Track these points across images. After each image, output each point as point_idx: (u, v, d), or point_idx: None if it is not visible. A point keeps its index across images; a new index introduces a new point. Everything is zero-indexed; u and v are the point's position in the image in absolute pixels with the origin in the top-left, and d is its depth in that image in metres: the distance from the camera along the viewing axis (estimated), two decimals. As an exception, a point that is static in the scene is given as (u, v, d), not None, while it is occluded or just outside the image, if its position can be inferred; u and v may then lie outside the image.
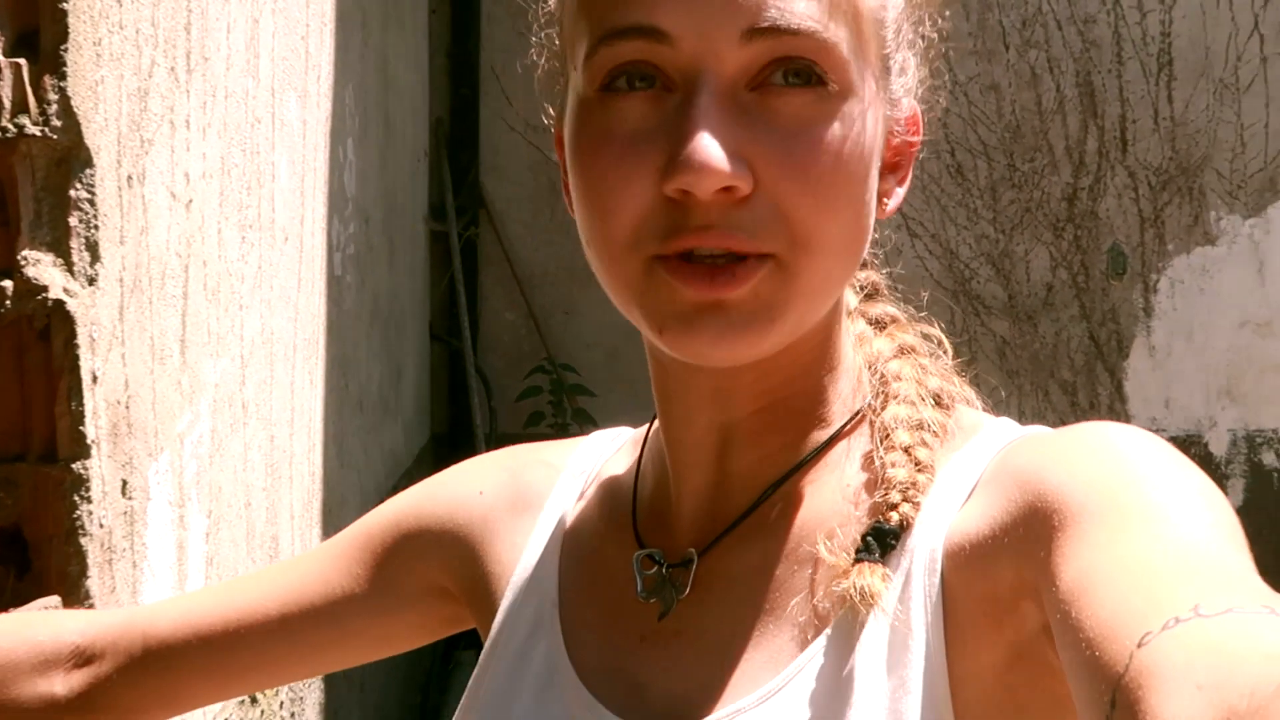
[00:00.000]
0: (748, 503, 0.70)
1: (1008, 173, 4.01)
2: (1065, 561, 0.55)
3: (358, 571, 0.84)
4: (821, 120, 0.61)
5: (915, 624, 0.62)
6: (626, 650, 0.71)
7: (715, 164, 0.58)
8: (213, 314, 1.54)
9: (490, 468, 0.85)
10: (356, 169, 2.52)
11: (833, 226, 0.62)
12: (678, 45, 0.60)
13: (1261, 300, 3.98)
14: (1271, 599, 0.47)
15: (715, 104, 0.60)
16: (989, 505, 0.62)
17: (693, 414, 0.70)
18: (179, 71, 1.39)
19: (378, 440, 2.84)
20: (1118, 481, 0.57)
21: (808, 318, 0.64)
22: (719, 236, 0.60)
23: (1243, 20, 3.83)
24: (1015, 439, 0.66)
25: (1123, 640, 0.48)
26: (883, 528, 0.64)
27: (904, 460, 0.66)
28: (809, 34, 0.60)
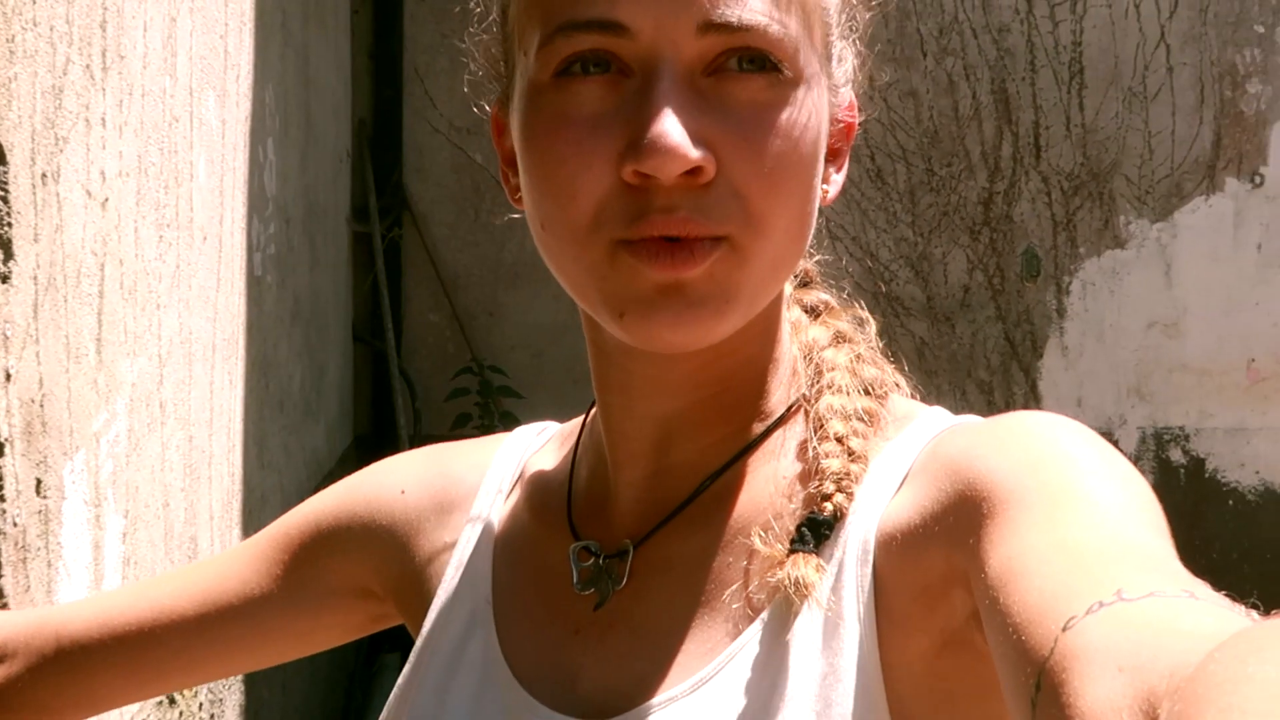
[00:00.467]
0: (686, 493, 0.71)
1: (926, 177, 4.08)
2: (993, 548, 0.56)
3: (275, 570, 0.84)
4: (776, 104, 0.62)
5: (848, 612, 0.63)
6: (561, 643, 0.72)
7: (681, 148, 0.59)
8: (129, 313, 1.53)
9: (412, 466, 0.85)
10: (277, 169, 2.50)
11: (784, 209, 0.63)
12: (636, 38, 0.61)
13: (1169, 302, 4.09)
14: (1191, 583, 0.49)
15: (676, 88, 0.60)
16: (920, 494, 0.63)
17: (634, 404, 0.71)
18: (94, 69, 1.38)
19: (299, 441, 2.83)
20: (1045, 469, 0.58)
21: (758, 301, 0.65)
22: (682, 222, 0.61)
23: (1150, 31, 3.95)
24: (946, 428, 0.67)
25: (1048, 624, 0.49)
26: (816, 518, 0.65)
27: (838, 450, 0.67)
28: (761, 29, 0.61)
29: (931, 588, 0.62)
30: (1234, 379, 4.12)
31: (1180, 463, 4.17)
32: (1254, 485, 4.18)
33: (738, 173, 0.61)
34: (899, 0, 3.98)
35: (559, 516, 0.76)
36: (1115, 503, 0.56)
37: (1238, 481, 4.19)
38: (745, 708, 0.63)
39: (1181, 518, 4.15)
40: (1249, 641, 0.38)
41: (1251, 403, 4.12)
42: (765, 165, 0.61)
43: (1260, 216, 4.00)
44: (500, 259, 3.94)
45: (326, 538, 0.84)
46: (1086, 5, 3.95)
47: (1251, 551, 4.18)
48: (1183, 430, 4.17)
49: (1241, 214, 4.01)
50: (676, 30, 0.61)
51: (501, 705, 0.71)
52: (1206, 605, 0.46)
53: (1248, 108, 3.96)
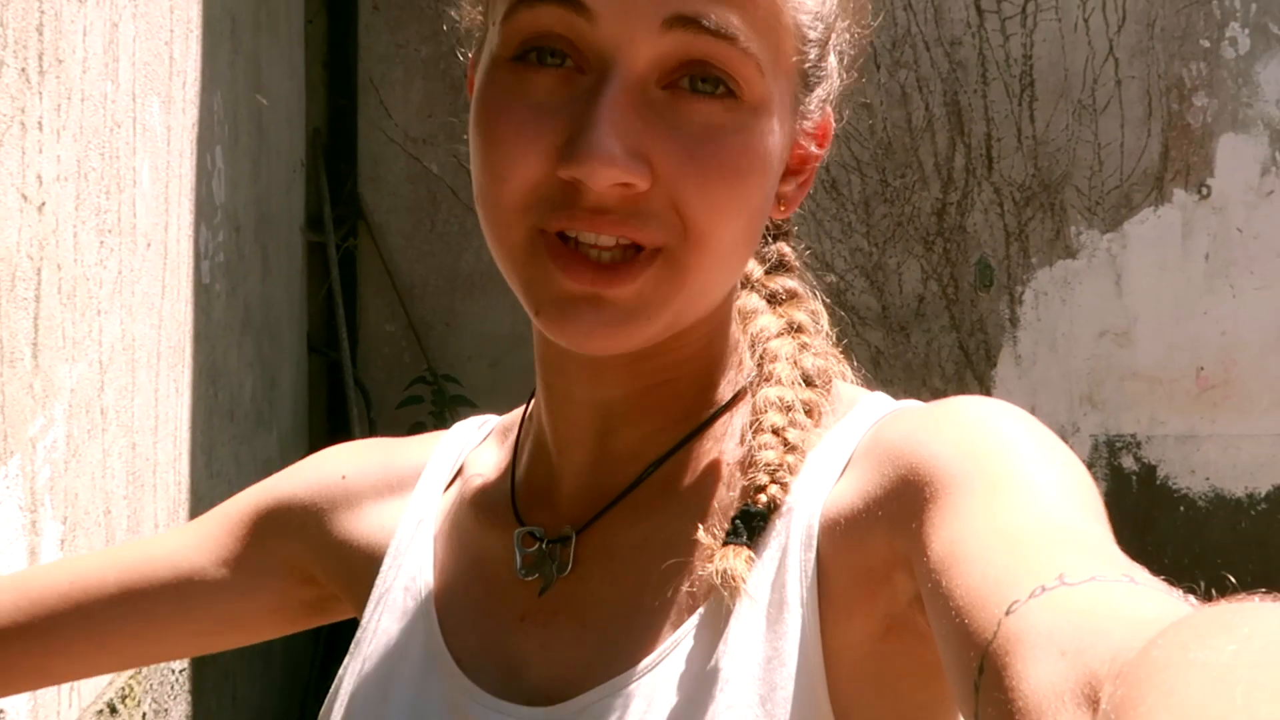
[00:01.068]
0: (629, 480, 0.71)
1: (880, 188, 4.12)
2: (935, 532, 0.56)
3: (210, 548, 0.83)
4: (728, 130, 0.61)
5: (791, 597, 0.63)
6: (505, 630, 0.71)
7: (611, 158, 0.59)
8: (68, 318, 1.52)
9: (354, 453, 0.85)
10: (226, 176, 2.50)
11: (726, 229, 0.62)
12: (596, 21, 0.60)
13: (1120, 311, 4.14)
14: (1130, 567, 0.49)
15: (623, 95, 0.60)
16: (863, 478, 0.64)
17: (573, 390, 0.71)
18: (30, 73, 1.38)
19: (250, 450, 2.81)
20: (985, 453, 0.58)
21: (687, 314, 0.65)
22: (611, 224, 0.61)
23: (1099, 45, 4.00)
24: (888, 412, 0.68)
25: (991, 608, 0.49)
26: (750, 510, 0.65)
27: (774, 442, 0.67)
28: (729, 37, 0.60)
29: (874, 571, 0.62)
30: (1184, 387, 4.18)
31: (1132, 469, 4.22)
32: (1204, 491, 4.23)
33: (678, 191, 0.61)
34: (852, 13, 4.02)
35: (502, 504, 0.76)
36: (1055, 487, 0.56)
37: (1188, 488, 4.24)
38: (690, 693, 0.63)
39: (1134, 524, 4.19)
40: (1191, 628, 0.38)
41: (1201, 410, 4.18)
42: (708, 186, 0.61)
43: (1207, 227, 4.06)
44: (456, 269, 3.94)
45: (266, 518, 0.83)
46: (1036, 19, 4.00)
47: (1202, 557, 4.23)
48: (1134, 438, 4.22)
49: (1189, 224, 4.07)
50: (639, 22, 0.60)
51: (445, 694, 0.71)
52: (1147, 590, 0.47)
53: (1194, 120, 4.02)
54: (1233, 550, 4.17)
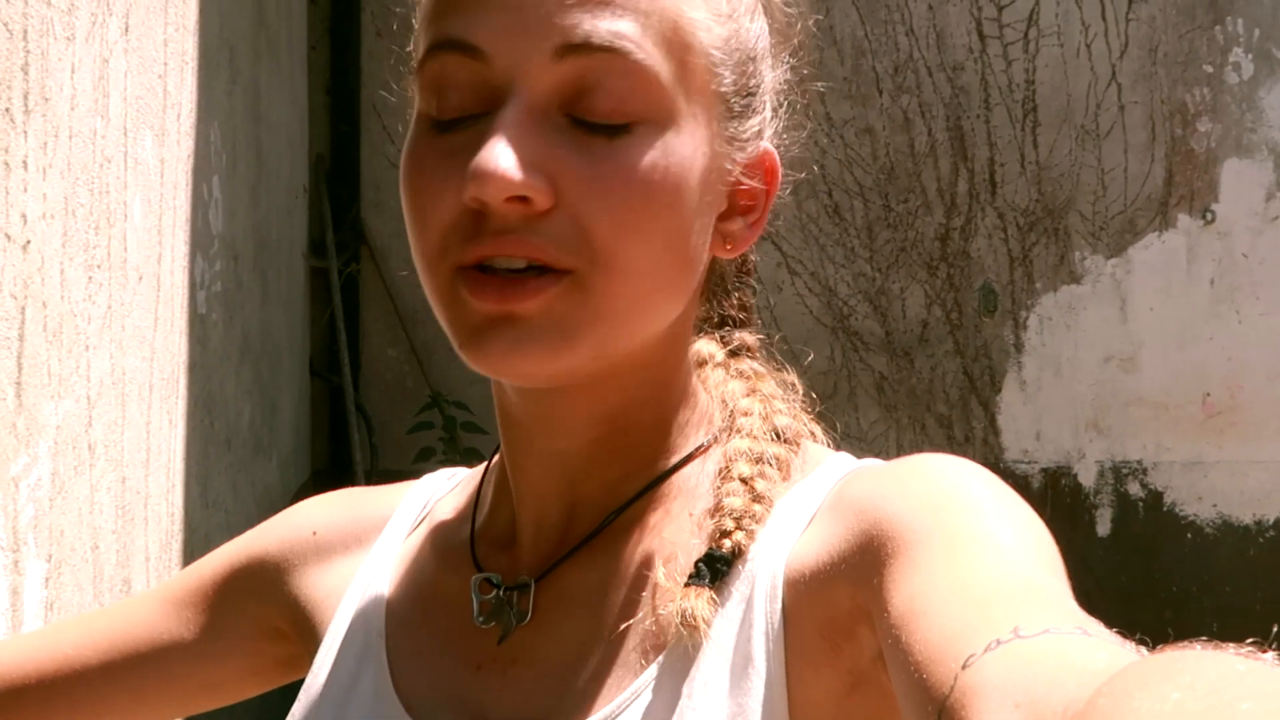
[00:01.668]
0: (590, 528, 0.70)
1: (883, 213, 4.11)
2: (896, 587, 0.57)
3: (187, 615, 0.83)
4: (632, 148, 0.61)
5: (756, 651, 0.63)
6: (462, 678, 0.71)
7: (503, 171, 0.59)
8: (54, 355, 1.53)
9: (325, 507, 0.85)
10: (224, 206, 2.50)
11: (636, 250, 0.62)
12: (491, 62, 0.61)
13: (1124, 336, 4.12)
14: (1084, 621, 0.50)
15: (520, 115, 0.60)
16: (827, 533, 0.64)
17: (532, 441, 0.71)
18: (15, 113, 1.38)
19: (248, 478, 2.81)
20: (945, 510, 0.59)
21: (614, 342, 0.64)
22: (516, 243, 0.61)
23: (1101, 70, 4.00)
24: (853, 469, 0.68)
25: (948, 662, 0.50)
26: (714, 554, 0.65)
27: (741, 490, 0.67)
28: (623, 54, 0.60)
29: (838, 626, 0.62)
30: (1189, 412, 4.15)
31: (1139, 496, 4.19)
32: (1211, 518, 4.20)
33: (582, 208, 0.61)
34: (854, 38, 4.02)
35: (461, 551, 0.75)
36: (1013, 543, 0.57)
37: (1195, 515, 4.21)
38: None
39: (1140, 551, 4.16)
40: (1135, 675, 0.39)
41: (1207, 436, 4.15)
42: (611, 203, 0.61)
43: (1212, 252, 4.04)
44: (458, 294, 3.94)
45: (240, 580, 0.83)
46: (1039, 45, 4.00)
47: (1210, 584, 4.19)
48: (1140, 464, 4.19)
49: (1194, 250, 4.05)
50: (531, 55, 0.60)
51: None
52: (1099, 642, 0.47)
53: (1198, 145, 4.00)
54: (1240, 578, 4.14)
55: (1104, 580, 4.11)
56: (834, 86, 4.04)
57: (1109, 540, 4.18)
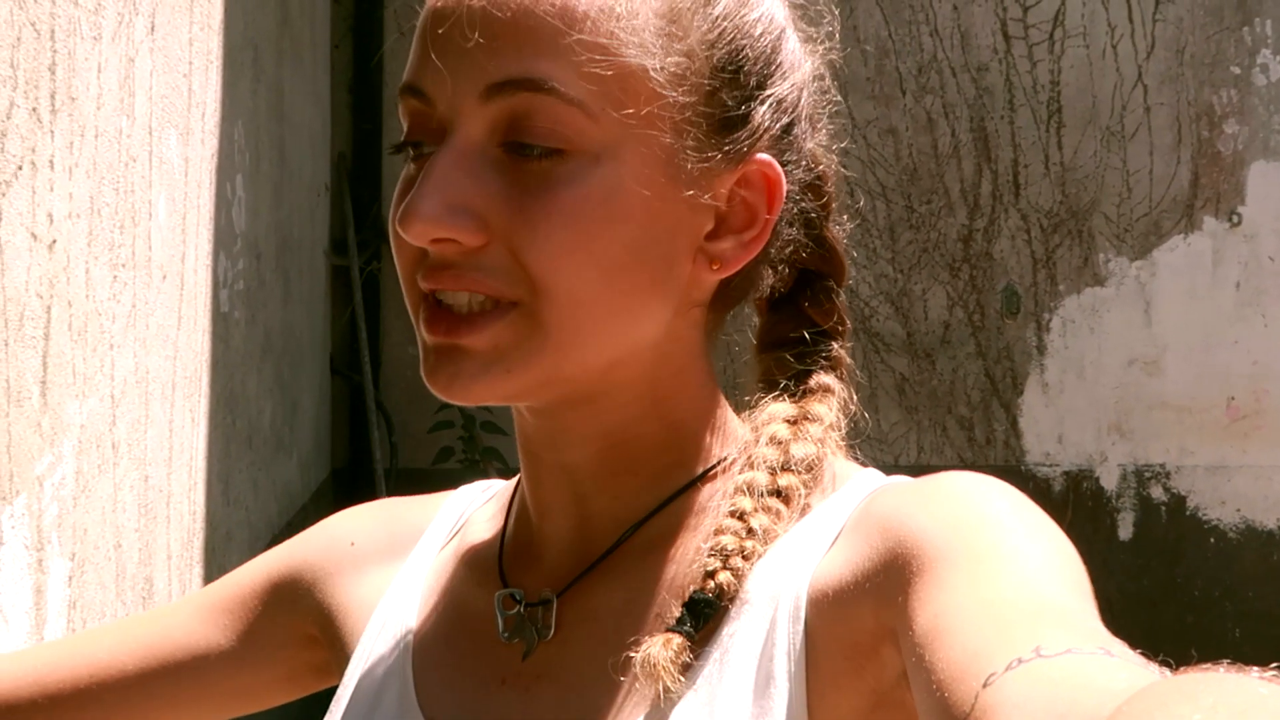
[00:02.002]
0: (608, 543, 0.70)
1: (905, 214, 4.09)
2: (920, 606, 0.57)
3: (224, 622, 0.84)
4: (560, 180, 0.63)
5: (778, 671, 0.63)
6: (486, 694, 0.71)
7: (421, 217, 0.62)
8: (79, 354, 1.53)
9: (363, 519, 0.85)
10: (247, 204, 2.51)
11: (572, 279, 0.63)
12: (434, 104, 0.64)
13: (1148, 340, 4.10)
14: (1108, 641, 0.50)
15: (449, 158, 0.63)
16: (851, 552, 0.63)
17: (540, 454, 0.71)
18: (42, 112, 1.38)
19: (269, 477, 2.82)
20: (971, 529, 0.59)
21: (564, 368, 0.65)
22: (454, 278, 0.64)
23: (1127, 71, 3.97)
24: (878, 487, 0.67)
25: (970, 681, 0.50)
26: (697, 597, 0.65)
27: (736, 527, 0.67)
28: (546, 89, 0.62)
29: (861, 645, 0.62)
30: (1214, 416, 4.12)
31: (1161, 500, 4.16)
32: (1235, 523, 4.17)
33: (514, 240, 0.63)
34: (878, 39, 4.01)
35: (489, 566, 0.76)
36: (1037, 562, 0.57)
37: (1219, 519, 4.18)
38: None
39: (1163, 555, 4.14)
40: (1155, 696, 0.39)
41: (1231, 440, 4.12)
42: (540, 235, 0.63)
43: (1238, 255, 4.01)
44: (479, 293, 3.94)
45: (278, 589, 0.84)
46: (1064, 45, 3.97)
47: (1233, 589, 4.16)
48: (1163, 468, 4.16)
49: (1220, 253, 4.02)
50: (463, 97, 0.63)
51: None
52: (1121, 662, 0.47)
53: (1225, 148, 3.97)
54: (1264, 582, 4.10)
55: (1125, 584, 4.08)
56: (857, 87, 4.03)
57: (1131, 544, 4.15)
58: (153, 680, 0.83)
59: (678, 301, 0.68)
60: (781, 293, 0.75)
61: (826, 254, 0.76)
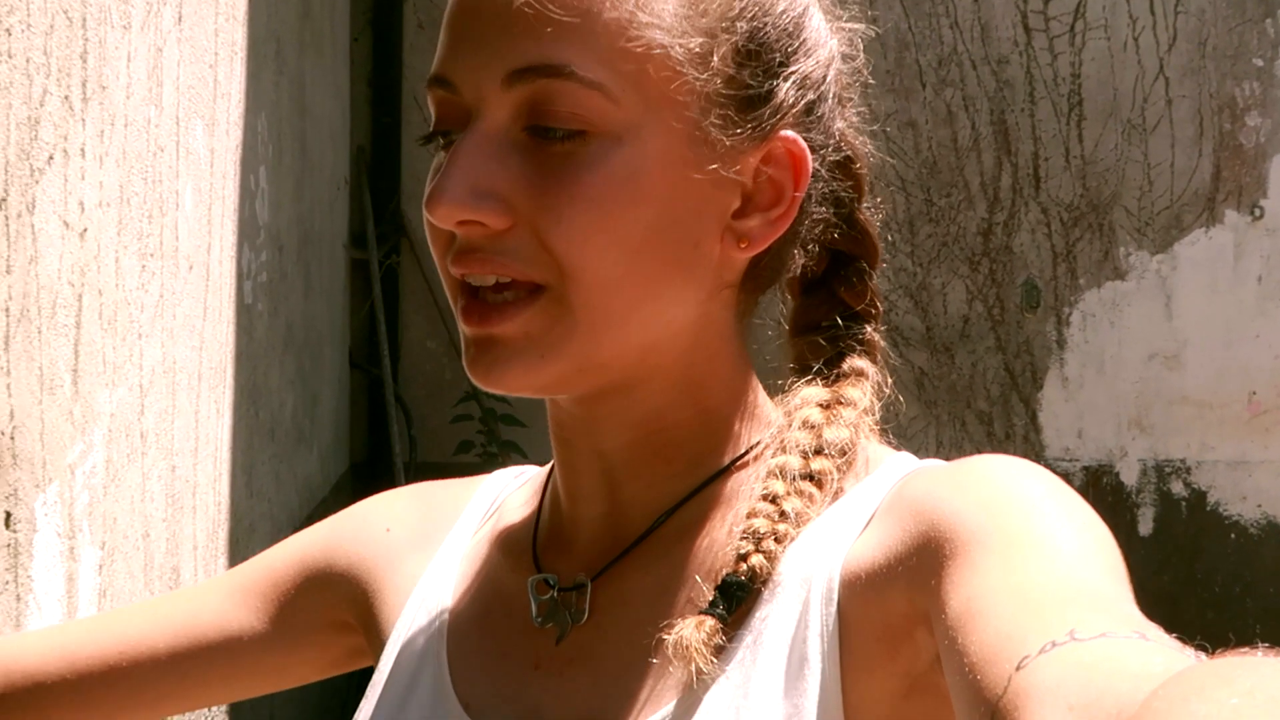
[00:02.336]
0: (641, 529, 0.71)
1: (925, 207, 4.08)
2: (954, 589, 0.56)
3: (256, 604, 0.84)
4: (583, 162, 0.63)
5: (812, 653, 0.63)
6: (519, 678, 0.71)
7: (447, 199, 0.62)
8: (109, 343, 1.53)
9: (398, 504, 0.85)
10: (270, 197, 2.51)
11: (597, 261, 0.63)
12: (459, 91, 0.65)
13: (1169, 334, 4.08)
14: (1143, 625, 0.49)
15: (473, 143, 0.64)
16: (885, 534, 0.63)
17: (574, 440, 0.71)
18: (74, 100, 1.38)
19: (290, 469, 2.82)
20: (1005, 512, 0.59)
21: (596, 351, 0.66)
22: (480, 262, 0.64)
23: (1149, 64, 3.95)
24: (911, 470, 0.67)
25: (1002, 664, 0.49)
26: (729, 580, 0.65)
27: (769, 510, 0.67)
28: (565, 74, 0.62)
29: (895, 628, 0.62)
30: (1235, 411, 4.10)
31: (1181, 495, 4.15)
32: (1256, 519, 4.15)
33: (538, 223, 0.63)
34: (898, 31, 3.99)
35: (523, 551, 0.76)
36: (1072, 546, 0.56)
37: (1239, 515, 4.16)
38: None
39: (1183, 551, 4.12)
40: (1192, 680, 0.39)
41: (1253, 435, 4.10)
42: (564, 217, 0.63)
43: (1260, 249, 3.99)
44: (498, 286, 3.94)
45: (313, 574, 0.84)
46: (1085, 38, 3.95)
47: (1253, 585, 4.14)
48: (1184, 463, 4.14)
49: (1241, 246, 4.00)
50: (486, 83, 0.64)
51: None
52: (1156, 646, 0.47)
53: (1247, 140, 3.95)
54: (1285, 579, 4.09)
55: (1145, 581, 4.07)
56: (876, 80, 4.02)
57: (1151, 540, 4.13)
58: (184, 660, 0.83)
59: (709, 282, 0.68)
60: (813, 276, 0.75)
61: (858, 235, 0.75)
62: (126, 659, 0.83)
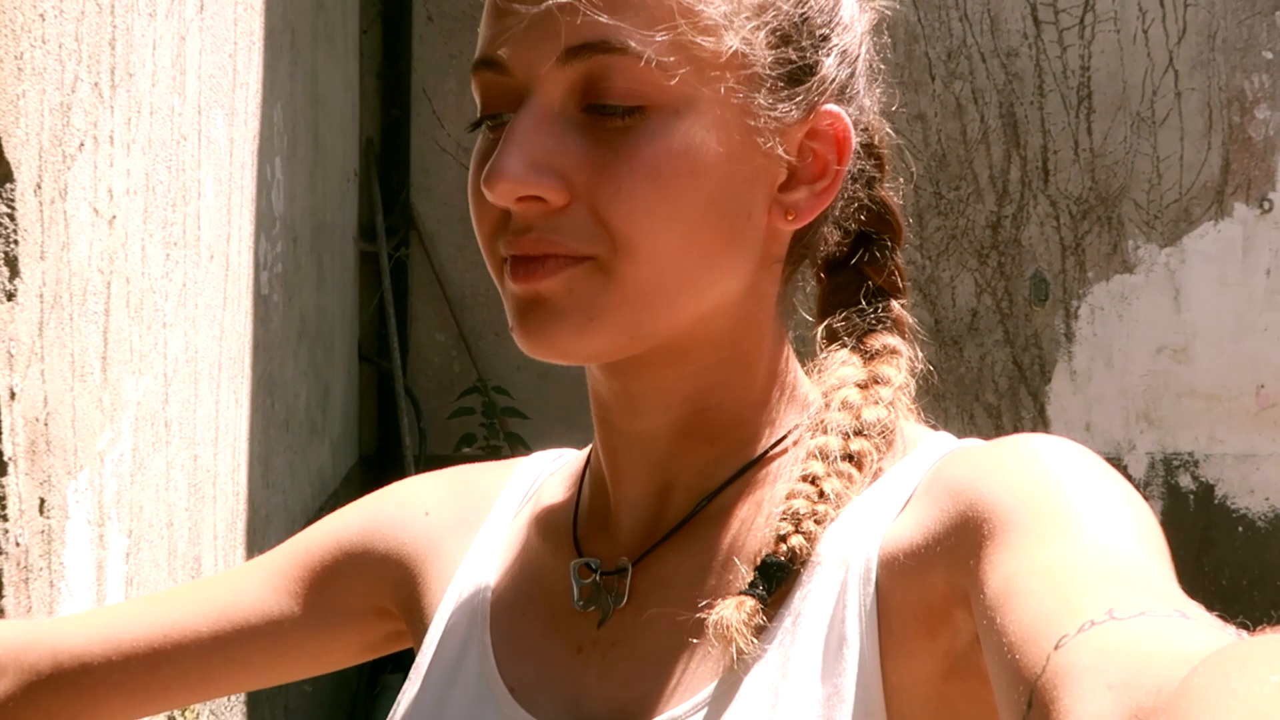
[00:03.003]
0: (683, 512, 0.71)
1: (934, 200, 4.08)
2: (993, 569, 0.56)
3: (296, 589, 0.84)
4: (641, 136, 0.63)
5: (850, 633, 0.63)
6: (562, 661, 0.71)
7: (507, 175, 0.62)
8: (135, 331, 1.53)
9: (435, 487, 0.85)
10: (284, 188, 2.50)
11: (655, 234, 0.63)
12: (510, 71, 0.65)
13: (1177, 327, 4.08)
14: (1183, 603, 0.49)
15: (530, 119, 0.64)
16: (923, 515, 0.64)
17: (617, 421, 0.71)
18: (103, 87, 1.38)
19: (304, 461, 2.82)
20: (1043, 491, 0.59)
21: (648, 323, 0.65)
22: (534, 241, 0.64)
23: (1158, 56, 3.95)
24: (949, 451, 0.67)
25: (1041, 643, 0.49)
26: (769, 560, 0.65)
27: (809, 491, 0.67)
28: (622, 50, 0.62)
29: (934, 609, 0.62)
30: (1243, 405, 4.10)
31: (1189, 488, 4.15)
32: (1264, 512, 4.15)
33: (596, 198, 0.63)
34: (907, 24, 3.99)
35: (564, 535, 0.76)
36: (1111, 524, 0.56)
37: (1247, 508, 4.16)
38: None
39: (1191, 544, 4.12)
40: (1232, 657, 0.38)
41: (1261, 429, 4.10)
42: (623, 191, 0.63)
43: (1269, 242, 3.99)
44: (507, 279, 3.94)
45: (351, 557, 0.84)
46: (1094, 30, 3.95)
47: (1261, 578, 4.15)
48: (1192, 456, 4.15)
49: (1250, 239, 4.00)
50: (540, 63, 0.64)
51: None
52: (1196, 624, 0.47)
53: (1256, 134, 3.95)
54: (1292, 572, 4.09)
55: (1153, 573, 4.07)
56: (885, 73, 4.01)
57: (1159, 532, 4.14)
58: (227, 643, 0.83)
59: (757, 254, 0.69)
60: (840, 255, 0.76)
61: (882, 213, 0.76)
62: (171, 642, 0.83)
